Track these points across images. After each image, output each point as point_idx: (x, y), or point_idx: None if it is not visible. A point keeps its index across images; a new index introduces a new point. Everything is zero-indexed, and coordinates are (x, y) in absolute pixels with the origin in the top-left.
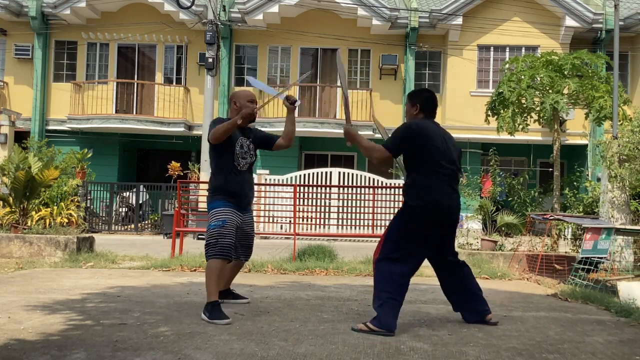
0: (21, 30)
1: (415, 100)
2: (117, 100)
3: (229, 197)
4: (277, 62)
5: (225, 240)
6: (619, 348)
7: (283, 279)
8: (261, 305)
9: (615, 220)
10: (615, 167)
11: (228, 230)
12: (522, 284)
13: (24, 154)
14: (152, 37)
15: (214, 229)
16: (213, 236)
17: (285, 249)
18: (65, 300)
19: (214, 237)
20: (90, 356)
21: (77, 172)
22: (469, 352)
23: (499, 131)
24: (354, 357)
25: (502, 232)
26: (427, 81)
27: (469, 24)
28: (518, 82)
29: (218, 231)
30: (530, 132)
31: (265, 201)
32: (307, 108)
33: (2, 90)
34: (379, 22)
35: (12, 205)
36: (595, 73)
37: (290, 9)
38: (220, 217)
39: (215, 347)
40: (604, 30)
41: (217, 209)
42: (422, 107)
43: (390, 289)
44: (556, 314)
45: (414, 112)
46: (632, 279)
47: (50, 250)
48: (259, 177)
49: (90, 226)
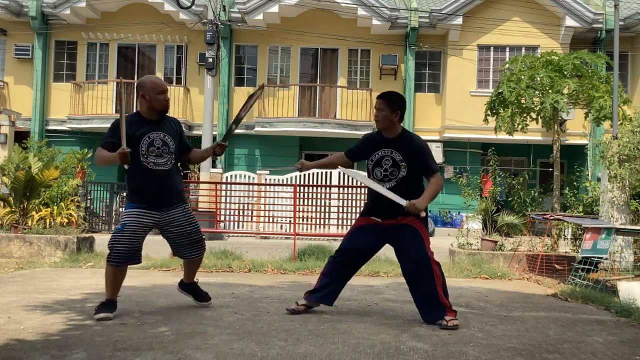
0: (21, 30)
1: (397, 108)
2: (117, 101)
3: (139, 198)
4: (277, 62)
5: (120, 246)
6: (619, 348)
7: (283, 279)
8: (261, 305)
9: (615, 220)
10: (615, 167)
11: (125, 236)
12: (522, 284)
13: (24, 154)
14: (152, 37)
15: (113, 233)
16: (110, 241)
17: (285, 249)
18: (65, 300)
19: (110, 243)
20: (90, 356)
21: (77, 172)
22: (469, 352)
23: (497, 131)
24: (354, 357)
25: (502, 232)
26: (427, 81)
27: (469, 24)
28: (517, 82)
29: (115, 236)
30: (530, 132)
31: (265, 201)
32: (307, 108)
33: (2, 90)
34: (379, 22)
35: (12, 205)
36: (595, 73)
37: (290, 9)
38: (122, 221)
39: (215, 347)
40: (604, 30)
41: (124, 212)
42: (402, 115)
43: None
44: (556, 314)
45: (394, 118)
46: (632, 279)
47: (50, 250)
48: (259, 177)
49: (90, 226)
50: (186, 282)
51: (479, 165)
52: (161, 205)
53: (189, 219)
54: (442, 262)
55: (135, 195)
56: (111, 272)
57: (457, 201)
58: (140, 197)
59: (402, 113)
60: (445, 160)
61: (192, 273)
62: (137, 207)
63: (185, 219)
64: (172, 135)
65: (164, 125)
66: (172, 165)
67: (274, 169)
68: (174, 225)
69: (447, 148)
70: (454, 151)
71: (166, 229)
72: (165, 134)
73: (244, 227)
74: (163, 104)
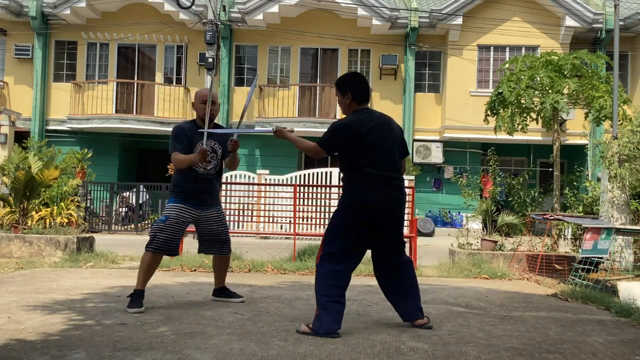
0: (21, 30)
1: (345, 90)
2: (117, 100)
3: (183, 196)
4: (277, 62)
5: (162, 234)
6: (619, 348)
7: (283, 279)
8: (261, 305)
9: (615, 220)
10: (615, 167)
11: (168, 226)
12: (522, 284)
13: (24, 154)
14: (152, 37)
15: (156, 223)
16: (153, 230)
17: (285, 249)
18: (65, 300)
19: (152, 231)
20: (90, 356)
21: (77, 172)
22: (469, 352)
23: (497, 131)
24: (354, 357)
25: (502, 232)
26: (427, 81)
27: (469, 24)
28: (517, 82)
29: (158, 226)
30: (530, 132)
31: (265, 201)
32: (307, 108)
33: (2, 90)
34: (379, 22)
35: (12, 205)
36: (595, 73)
37: (290, 9)
38: (166, 212)
39: (215, 347)
40: (604, 30)
41: (167, 205)
42: (356, 95)
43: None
44: (556, 314)
45: (346, 101)
46: (632, 279)
47: (50, 250)
48: (259, 177)
49: (90, 226)
50: (217, 287)
51: (479, 165)
52: (201, 205)
53: (221, 220)
54: (442, 262)
55: (180, 193)
56: (149, 258)
57: (457, 201)
58: (185, 195)
59: (355, 92)
60: (445, 160)
61: (222, 277)
62: (180, 203)
63: (218, 220)
64: (219, 142)
65: (214, 134)
66: (217, 170)
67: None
68: (207, 224)
69: (447, 148)
70: (454, 151)
71: (200, 224)
72: (214, 142)
73: (244, 227)
74: (204, 112)
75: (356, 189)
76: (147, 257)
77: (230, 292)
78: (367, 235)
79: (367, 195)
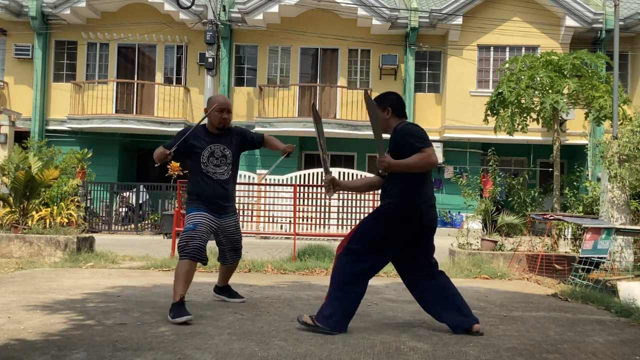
0: (21, 30)
1: (385, 105)
2: (117, 100)
3: (199, 202)
4: (277, 62)
5: (194, 242)
6: (619, 348)
7: (283, 279)
8: (261, 305)
9: (615, 220)
10: (615, 167)
11: (198, 233)
12: (522, 284)
13: (24, 154)
14: (152, 37)
15: (185, 232)
16: (183, 239)
17: (285, 249)
18: (65, 300)
19: (183, 241)
20: (91, 356)
21: (77, 172)
22: (469, 352)
23: (497, 131)
24: (354, 357)
25: (503, 232)
26: (427, 81)
27: (469, 24)
28: (517, 82)
29: (187, 234)
30: (530, 132)
31: (265, 201)
32: (307, 108)
33: (2, 90)
34: (379, 22)
35: (12, 205)
36: (595, 73)
37: (290, 9)
38: (192, 220)
39: (215, 347)
40: (604, 30)
41: (189, 214)
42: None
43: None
44: (556, 314)
45: (385, 116)
46: (632, 279)
47: (50, 250)
48: (259, 177)
49: (90, 226)
50: (220, 286)
51: (479, 165)
52: (219, 212)
53: (237, 229)
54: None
55: (196, 200)
56: (186, 266)
57: (457, 201)
58: (201, 201)
59: (394, 108)
60: (445, 160)
61: (228, 278)
62: (201, 211)
63: (235, 229)
64: (231, 148)
65: (225, 139)
66: (229, 175)
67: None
68: (224, 232)
69: (447, 148)
70: (454, 151)
71: (220, 235)
72: (225, 147)
73: (244, 227)
74: (219, 120)
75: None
76: (183, 266)
77: (232, 292)
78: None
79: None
